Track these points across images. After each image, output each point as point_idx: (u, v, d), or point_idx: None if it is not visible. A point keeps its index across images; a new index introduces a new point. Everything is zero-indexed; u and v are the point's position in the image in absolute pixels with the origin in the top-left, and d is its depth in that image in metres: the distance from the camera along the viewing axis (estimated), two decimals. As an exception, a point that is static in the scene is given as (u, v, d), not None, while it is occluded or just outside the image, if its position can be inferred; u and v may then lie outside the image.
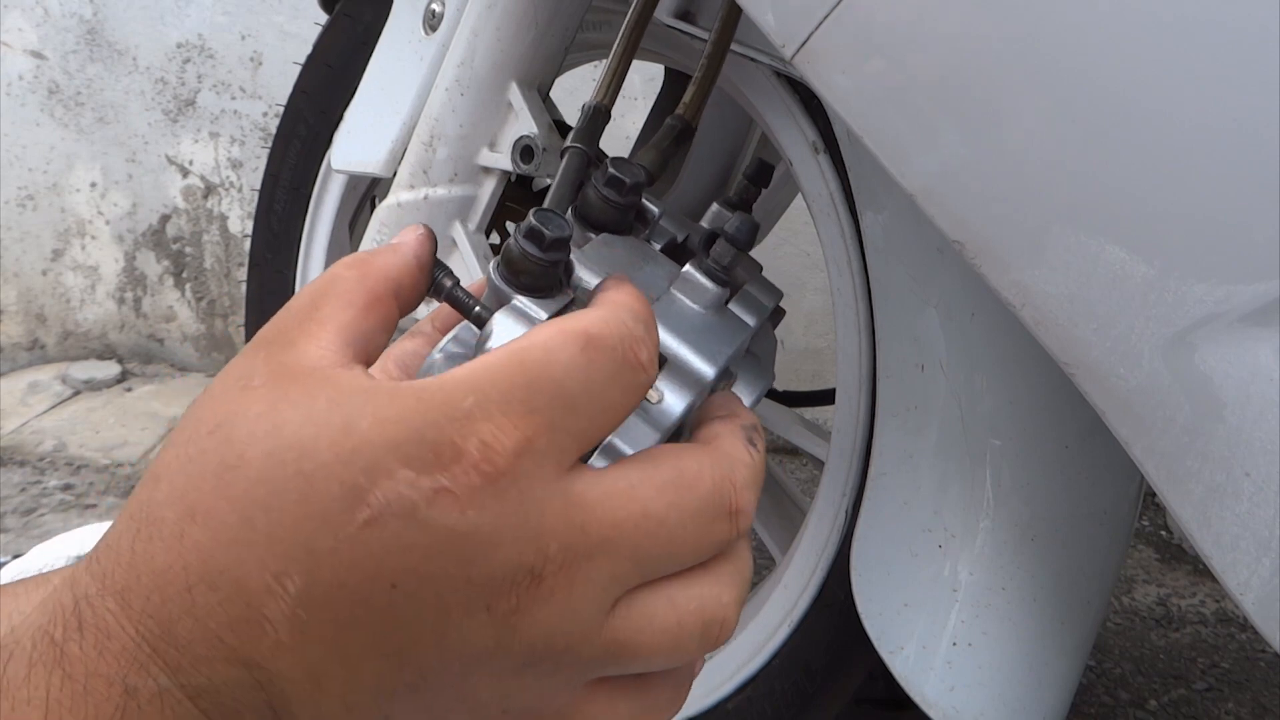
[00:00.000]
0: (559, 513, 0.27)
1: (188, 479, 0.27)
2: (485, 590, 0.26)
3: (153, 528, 0.26)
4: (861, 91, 0.44)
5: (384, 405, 0.26)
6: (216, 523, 0.26)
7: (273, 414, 0.27)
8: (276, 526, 0.26)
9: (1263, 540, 0.43)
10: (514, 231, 0.35)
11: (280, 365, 0.28)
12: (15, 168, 1.90)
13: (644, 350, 0.29)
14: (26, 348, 2.01)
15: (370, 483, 0.25)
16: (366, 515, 0.25)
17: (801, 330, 1.71)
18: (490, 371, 0.27)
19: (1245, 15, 0.38)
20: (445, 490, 0.26)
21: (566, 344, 0.28)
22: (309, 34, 1.00)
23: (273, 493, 0.26)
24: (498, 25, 0.69)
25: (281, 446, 0.26)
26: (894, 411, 0.65)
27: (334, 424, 0.26)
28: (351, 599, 0.26)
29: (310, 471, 0.26)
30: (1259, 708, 1.15)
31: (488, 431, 0.26)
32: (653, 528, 0.28)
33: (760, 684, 0.78)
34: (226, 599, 0.25)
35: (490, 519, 0.26)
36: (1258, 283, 0.40)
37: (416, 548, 0.26)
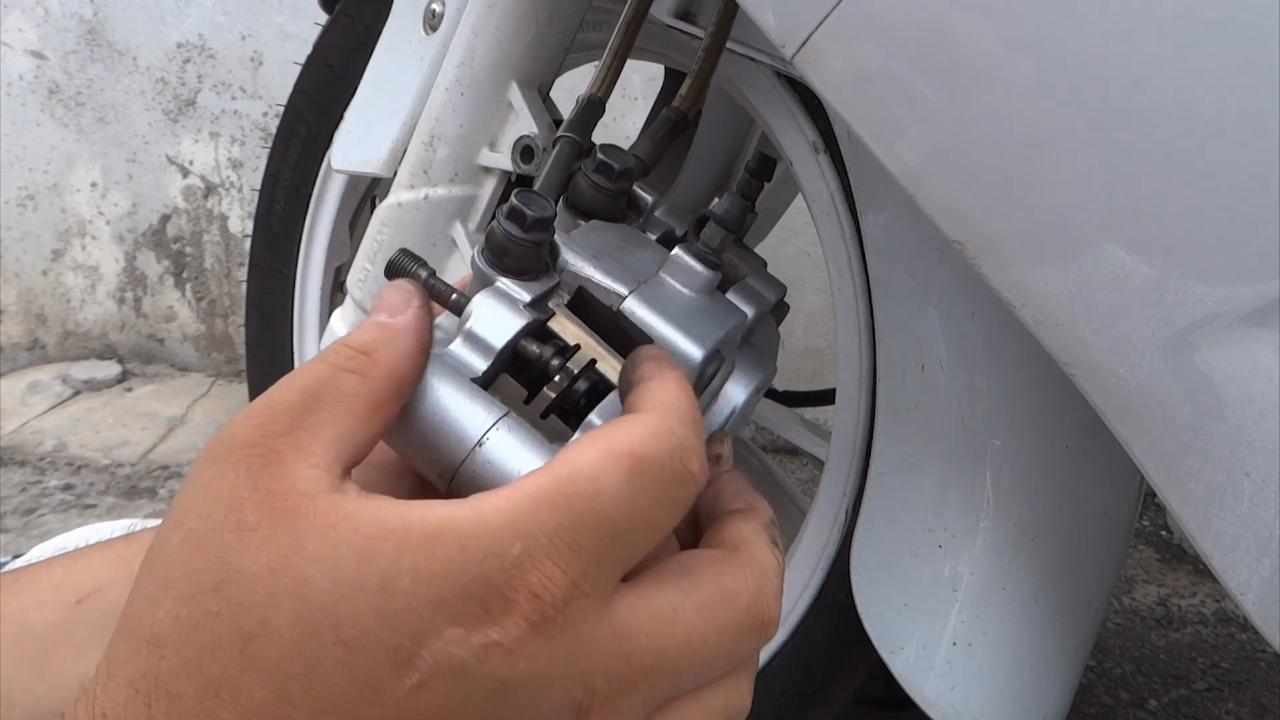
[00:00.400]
0: (606, 647, 0.26)
1: (202, 649, 0.24)
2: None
3: (168, 703, 0.24)
4: (862, 91, 0.44)
5: (424, 559, 0.24)
6: (246, 699, 0.24)
7: (290, 569, 0.24)
8: (317, 700, 0.24)
9: (1263, 540, 0.43)
10: (497, 214, 0.35)
11: (271, 494, 0.25)
12: (15, 168, 1.90)
13: (695, 460, 0.28)
14: (27, 348, 2.01)
15: (417, 645, 0.24)
16: (416, 680, 0.24)
17: (802, 330, 1.71)
18: (534, 509, 0.25)
19: (1246, 14, 0.38)
20: (496, 645, 0.24)
21: (612, 470, 0.26)
22: (309, 34, 1.00)
23: (309, 664, 0.24)
24: (498, 25, 0.69)
25: (313, 611, 0.24)
26: (894, 411, 0.65)
27: (369, 584, 0.24)
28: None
29: (351, 639, 0.24)
30: (1259, 708, 1.15)
31: (537, 581, 0.25)
32: (694, 652, 0.28)
33: (760, 684, 0.78)
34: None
35: (541, 667, 0.25)
36: (1258, 283, 0.40)
37: (470, 705, 0.25)
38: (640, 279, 0.38)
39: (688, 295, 0.40)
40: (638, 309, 0.37)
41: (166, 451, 1.67)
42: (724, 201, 0.41)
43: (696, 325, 0.37)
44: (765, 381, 0.44)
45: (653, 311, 0.37)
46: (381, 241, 0.76)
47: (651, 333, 0.36)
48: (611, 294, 0.37)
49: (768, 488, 0.99)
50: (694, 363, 0.36)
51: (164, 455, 1.66)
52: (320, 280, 1.03)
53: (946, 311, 0.61)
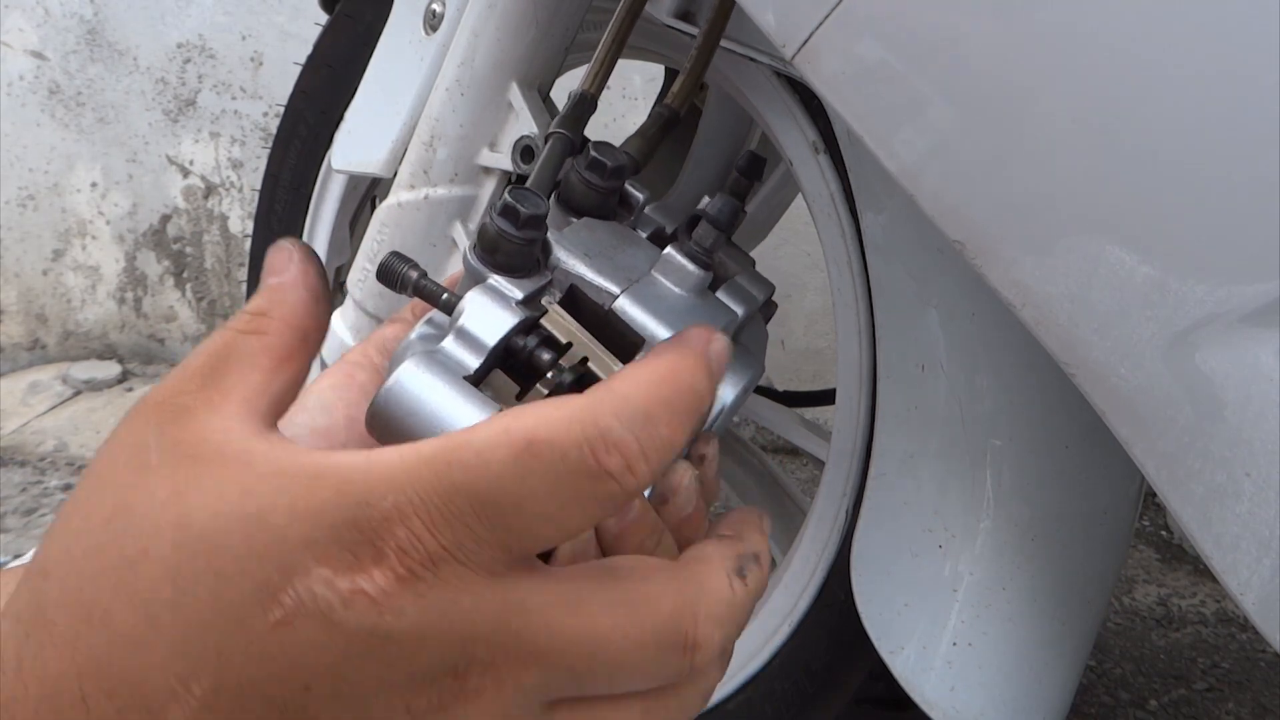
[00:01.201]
0: (489, 615, 0.25)
1: (81, 577, 0.25)
2: (404, 691, 0.25)
3: (44, 633, 0.24)
4: (862, 91, 0.44)
5: (300, 495, 0.25)
6: (116, 624, 0.24)
7: (178, 501, 0.25)
8: (183, 626, 0.24)
9: (1263, 541, 0.43)
10: (489, 211, 0.35)
11: (179, 441, 0.26)
12: (16, 168, 1.90)
13: (615, 457, 0.25)
14: (27, 348, 2.01)
15: (284, 580, 0.24)
16: (279, 615, 0.24)
17: (802, 330, 1.71)
18: (416, 469, 0.25)
19: (1246, 14, 0.38)
20: (361, 592, 0.24)
21: (502, 448, 0.25)
22: (309, 34, 1.00)
23: (180, 591, 0.24)
24: (498, 25, 0.69)
25: (191, 539, 0.24)
26: (894, 412, 0.65)
27: (247, 515, 0.24)
28: (261, 701, 0.24)
29: (221, 568, 0.24)
30: (1259, 708, 1.15)
31: (404, 536, 0.24)
32: (593, 648, 0.26)
33: (760, 684, 0.78)
34: (125, 706, 0.24)
35: (409, 622, 0.25)
36: (1258, 283, 0.40)
37: (331, 649, 0.24)
38: (632, 278, 0.38)
39: (679, 294, 0.40)
40: (629, 308, 0.37)
41: (167, 451, 1.67)
42: (716, 201, 0.41)
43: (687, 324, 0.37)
44: (754, 380, 0.43)
45: (644, 310, 0.37)
46: (382, 242, 0.76)
47: (643, 332, 0.36)
48: (603, 292, 0.37)
49: (767, 488, 0.99)
50: None
51: (164, 455, 1.66)
52: (320, 280, 1.03)
53: (946, 311, 0.61)
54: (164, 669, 0.24)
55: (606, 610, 0.27)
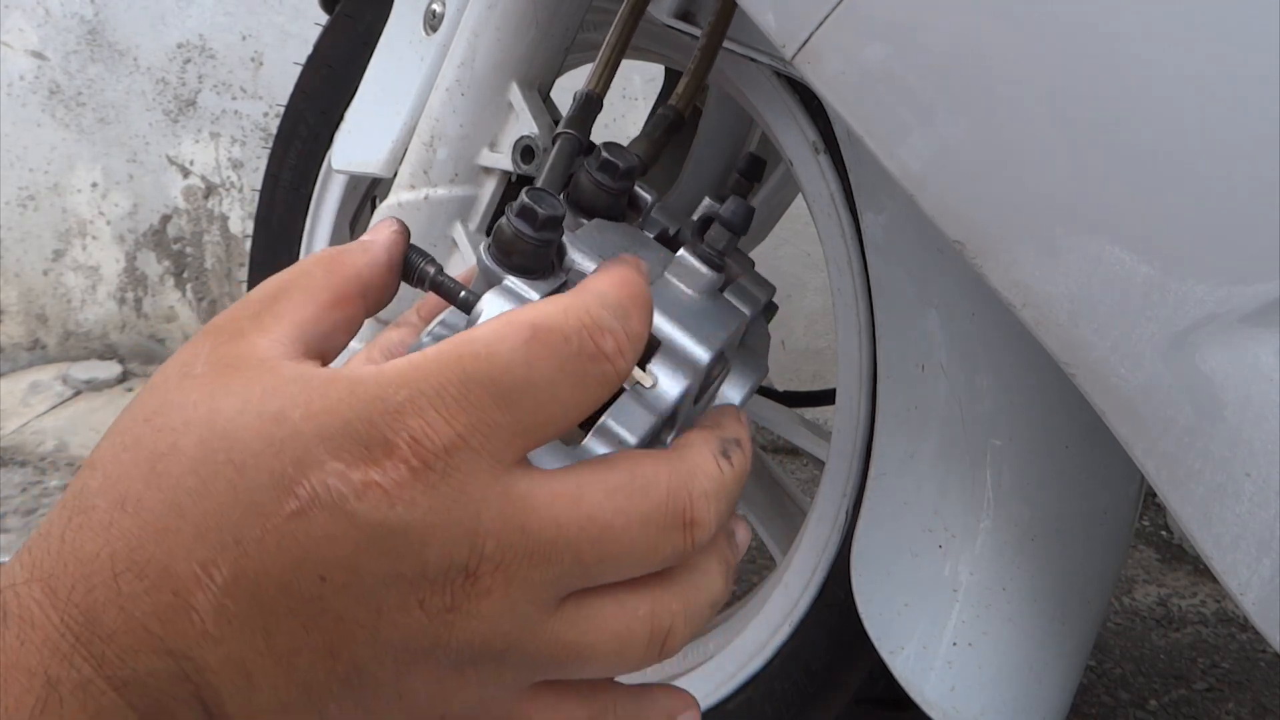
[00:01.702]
0: (496, 511, 0.26)
1: (120, 467, 0.26)
2: (417, 586, 0.26)
3: (84, 516, 0.26)
4: (862, 91, 0.44)
5: (317, 395, 0.26)
6: (146, 511, 0.25)
7: (208, 402, 0.27)
8: (205, 515, 0.25)
9: (1263, 541, 0.43)
10: (506, 211, 0.35)
11: (224, 355, 0.28)
12: (16, 168, 1.90)
13: (609, 340, 0.28)
14: (27, 348, 2.01)
15: (299, 473, 0.25)
16: (294, 506, 0.25)
17: (802, 331, 1.71)
18: (427, 364, 0.26)
19: (1246, 14, 0.38)
20: (374, 484, 0.25)
21: (507, 336, 0.27)
22: (309, 34, 1.00)
23: (203, 481, 0.25)
24: (498, 26, 0.69)
25: (214, 434, 0.26)
26: (894, 412, 0.65)
27: (266, 413, 0.26)
28: (278, 590, 0.25)
29: (240, 461, 0.25)
30: (1259, 708, 1.15)
31: (417, 426, 0.26)
32: (598, 532, 0.27)
33: (760, 684, 0.78)
34: (153, 587, 0.25)
35: (420, 514, 0.25)
36: (1258, 283, 0.40)
37: (345, 540, 0.25)
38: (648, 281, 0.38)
39: (692, 296, 0.40)
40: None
41: (167, 452, 1.67)
42: (730, 204, 0.41)
43: (702, 327, 0.37)
44: (758, 382, 0.44)
45: (659, 313, 0.37)
46: (382, 242, 0.76)
47: (658, 334, 0.36)
48: None
49: (767, 488, 0.99)
50: (702, 365, 0.36)
51: (164, 455, 1.66)
52: (321, 280, 1.03)
53: (946, 311, 0.61)
54: (188, 554, 0.25)
55: (607, 497, 0.28)
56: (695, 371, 0.36)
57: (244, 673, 0.25)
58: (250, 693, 0.26)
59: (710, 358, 0.36)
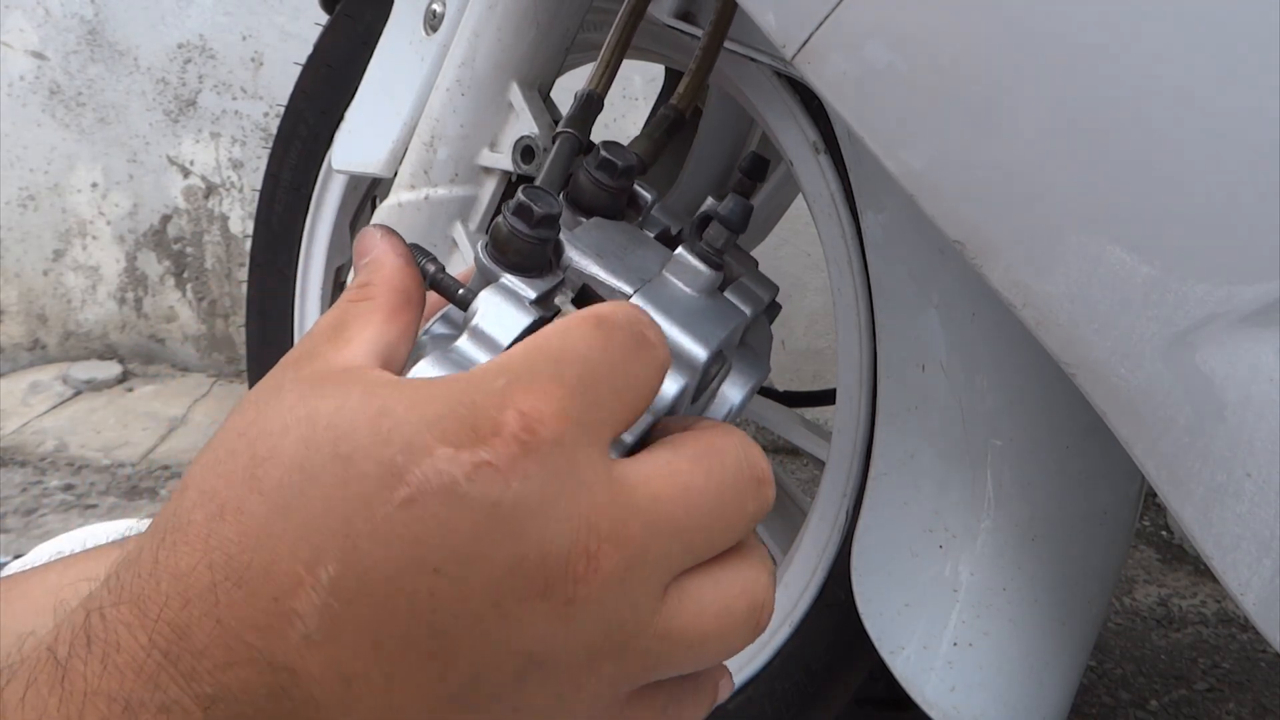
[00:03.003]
0: (605, 489, 0.26)
1: (217, 480, 0.25)
2: (540, 573, 0.25)
3: (178, 534, 0.25)
4: (862, 91, 0.44)
5: (418, 390, 0.26)
6: (247, 516, 0.24)
7: (304, 405, 0.26)
8: (311, 513, 0.24)
9: (1264, 541, 0.43)
10: (503, 209, 0.35)
11: (310, 373, 0.28)
12: (16, 168, 1.90)
13: (652, 330, 0.29)
14: (28, 348, 2.01)
15: (409, 460, 0.24)
16: (405, 494, 0.24)
17: (802, 331, 1.71)
18: (514, 356, 0.27)
19: (1245, 15, 0.38)
20: (486, 464, 0.24)
21: (580, 324, 0.28)
22: (310, 34, 1.00)
23: (308, 479, 0.24)
24: (499, 26, 0.69)
25: (316, 433, 0.25)
26: (895, 412, 0.65)
27: (369, 409, 0.25)
28: (390, 586, 0.24)
29: (347, 453, 0.25)
30: (1260, 708, 1.15)
31: (524, 402, 0.25)
32: (695, 500, 0.28)
33: (761, 684, 0.78)
34: (252, 594, 0.24)
35: (536, 489, 0.25)
36: (1258, 283, 0.40)
37: (460, 527, 0.24)
38: (644, 278, 0.38)
39: (691, 295, 0.40)
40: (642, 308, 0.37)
41: (167, 452, 1.67)
42: (728, 202, 0.41)
43: (700, 325, 0.37)
44: (760, 381, 0.43)
45: (657, 311, 0.37)
46: (382, 242, 0.76)
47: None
48: (616, 293, 0.37)
49: (768, 488, 0.99)
50: (699, 363, 0.36)
51: (165, 455, 1.66)
52: (321, 280, 1.03)
53: (947, 311, 0.61)
54: (292, 556, 0.24)
55: (693, 464, 0.28)
56: (692, 370, 0.36)
57: (346, 684, 0.24)
58: (352, 707, 0.24)
59: (707, 356, 0.36)
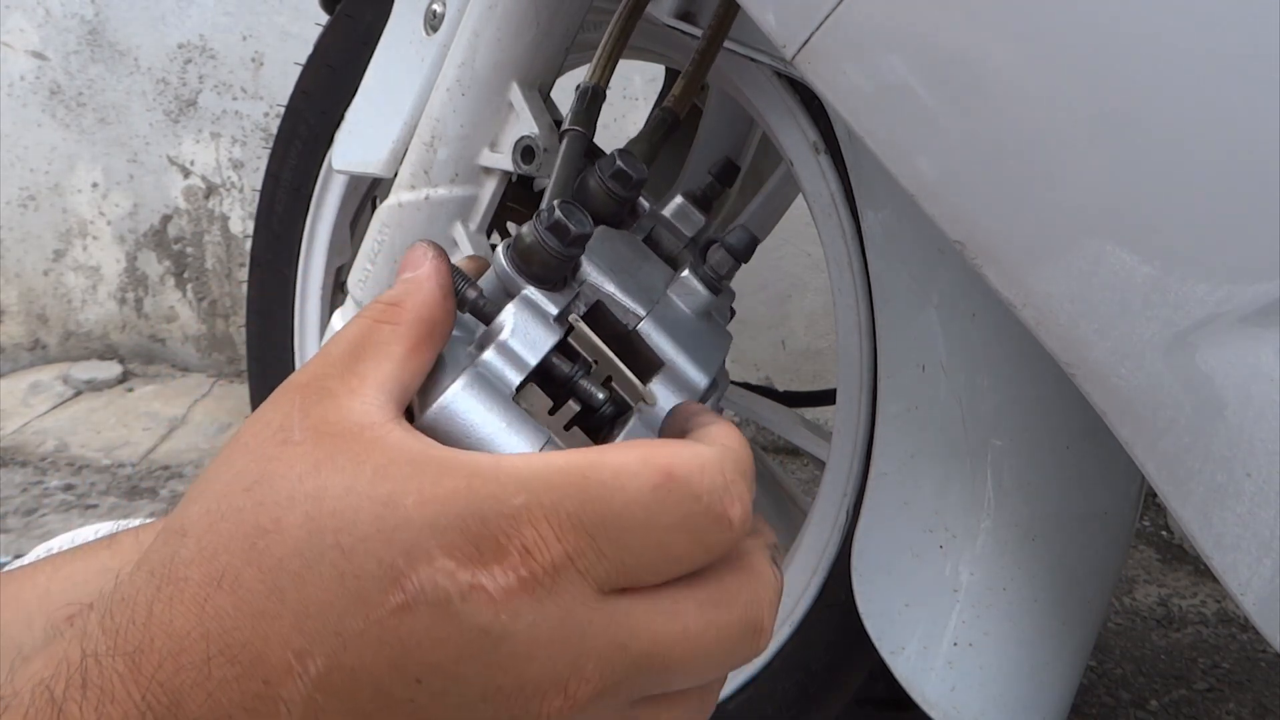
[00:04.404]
0: (601, 631, 0.26)
1: (218, 539, 0.25)
2: (512, 701, 0.25)
3: (174, 588, 0.25)
4: (862, 92, 0.44)
5: (431, 483, 0.25)
6: (244, 590, 0.24)
7: (315, 477, 0.26)
8: (306, 602, 0.24)
9: (1264, 541, 0.43)
10: (534, 220, 0.35)
11: (321, 421, 0.27)
12: (17, 168, 1.90)
13: (737, 508, 0.27)
14: (28, 348, 2.01)
15: (408, 565, 0.24)
16: (400, 600, 0.24)
17: (802, 331, 1.71)
18: (549, 474, 0.26)
19: (1245, 15, 0.38)
20: (481, 588, 0.24)
21: (640, 474, 0.26)
22: (310, 34, 1.00)
23: (307, 565, 0.24)
24: (499, 26, 0.69)
25: (322, 514, 0.25)
26: (895, 412, 0.65)
27: (378, 497, 0.25)
28: (373, 689, 0.24)
29: (349, 546, 0.25)
30: (1260, 708, 1.15)
31: (531, 537, 0.25)
32: (690, 647, 0.27)
33: (761, 684, 0.78)
34: (244, 674, 0.24)
35: (524, 627, 0.25)
36: (1258, 283, 0.40)
37: (447, 644, 0.24)
38: (653, 298, 0.39)
39: (690, 317, 0.41)
40: (652, 331, 0.38)
41: (168, 452, 1.67)
42: (738, 232, 0.42)
43: (701, 352, 0.38)
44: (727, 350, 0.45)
45: (665, 335, 0.37)
46: (382, 242, 0.76)
47: (663, 355, 0.37)
48: (629, 313, 0.38)
49: (768, 488, 0.99)
50: (700, 389, 0.37)
51: (165, 455, 1.66)
52: (321, 280, 1.03)
53: (947, 311, 0.61)
54: (284, 643, 0.24)
55: (698, 610, 0.28)
56: (693, 395, 0.36)
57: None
58: None
59: (708, 383, 0.37)
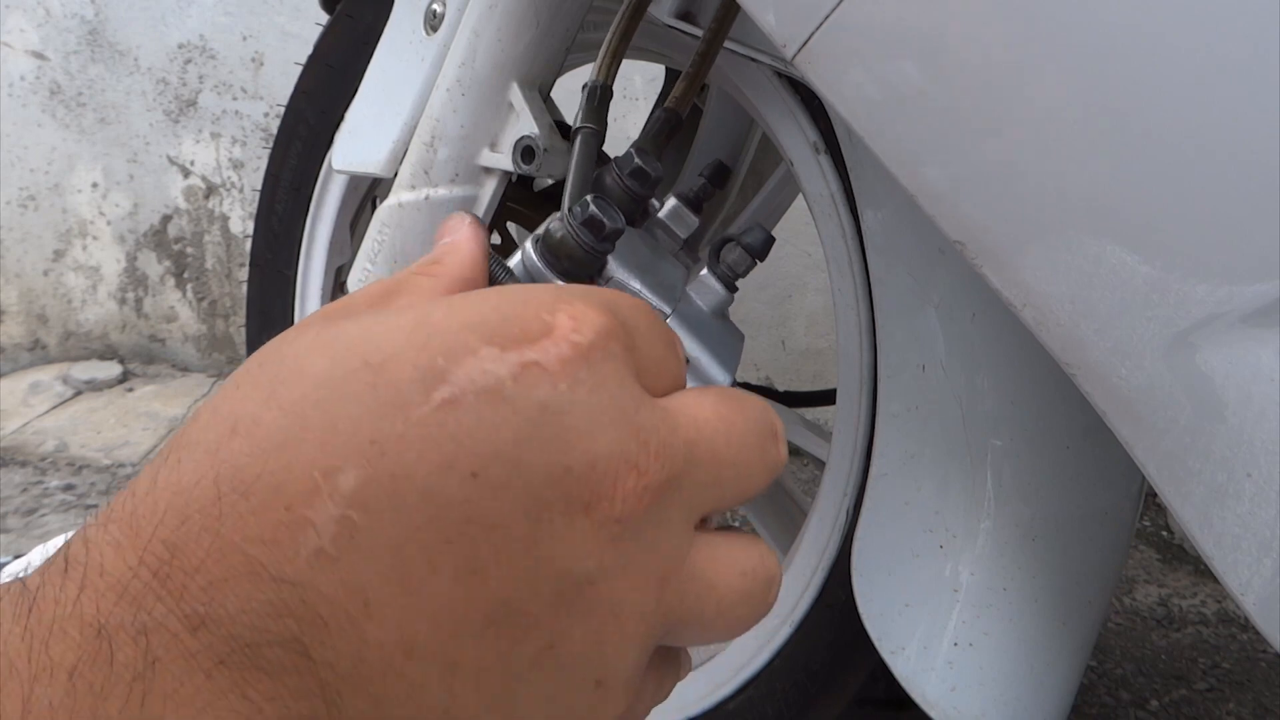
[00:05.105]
0: (649, 413, 0.24)
1: (229, 401, 0.23)
2: (585, 485, 0.22)
3: (183, 452, 0.22)
4: (862, 92, 0.44)
5: (458, 300, 0.24)
6: (262, 428, 0.22)
7: (332, 332, 0.24)
8: (334, 421, 0.21)
9: (1264, 541, 0.43)
10: (565, 215, 0.35)
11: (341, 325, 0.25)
12: (17, 168, 1.90)
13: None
14: (28, 348, 2.01)
15: (450, 362, 0.22)
16: (446, 393, 0.22)
17: (803, 331, 1.71)
18: (562, 288, 0.26)
19: (1245, 16, 0.38)
20: (534, 364, 0.23)
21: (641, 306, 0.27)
22: (310, 34, 1.01)
23: (331, 391, 0.22)
24: (499, 26, 0.69)
25: (345, 346, 0.23)
26: (895, 412, 0.65)
27: (405, 321, 0.23)
28: (420, 495, 0.21)
29: (380, 362, 0.22)
30: (1260, 708, 1.15)
31: (573, 311, 0.24)
32: (732, 432, 0.26)
33: (761, 684, 0.78)
34: (261, 505, 0.21)
35: (586, 395, 0.23)
36: (1259, 283, 0.40)
37: (504, 430, 0.22)
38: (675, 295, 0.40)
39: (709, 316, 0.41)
40: (677, 328, 0.38)
41: (167, 452, 1.67)
42: (755, 231, 0.42)
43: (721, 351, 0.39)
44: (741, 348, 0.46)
45: (688, 333, 0.38)
46: (382, 242, 0.76)
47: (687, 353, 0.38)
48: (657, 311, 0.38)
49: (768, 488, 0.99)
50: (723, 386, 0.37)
51: (165, 455, 1.66)
52: (321, 280, 1.03)
53: (947, 311, 0.61)
54: (309, 464, 0.21)
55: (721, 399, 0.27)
56: None
57: (362, 601, 0.21)
58: (366, 631, 0.21)
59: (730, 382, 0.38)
